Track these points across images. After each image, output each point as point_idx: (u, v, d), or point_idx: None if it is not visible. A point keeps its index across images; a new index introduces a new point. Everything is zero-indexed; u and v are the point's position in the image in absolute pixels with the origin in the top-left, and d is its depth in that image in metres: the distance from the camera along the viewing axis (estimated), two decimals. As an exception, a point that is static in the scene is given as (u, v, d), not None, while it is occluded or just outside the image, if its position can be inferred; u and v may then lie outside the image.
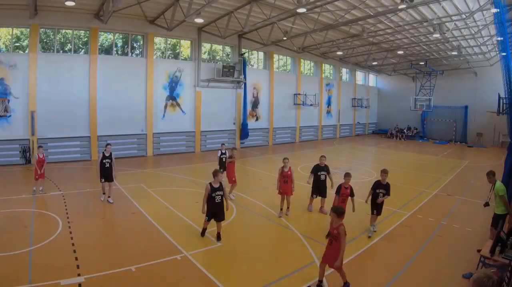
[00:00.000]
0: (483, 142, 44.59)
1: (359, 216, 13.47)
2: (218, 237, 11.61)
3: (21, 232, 12.00)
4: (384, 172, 12.41)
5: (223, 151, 19.68)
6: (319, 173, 14.86)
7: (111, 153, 15.82)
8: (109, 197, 15.94)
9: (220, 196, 11.28)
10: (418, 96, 47.59)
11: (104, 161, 15.64)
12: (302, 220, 14.15)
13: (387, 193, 12.42)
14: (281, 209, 14.77)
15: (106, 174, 15.67)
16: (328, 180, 14.98)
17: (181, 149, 31.90)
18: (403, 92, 52.58)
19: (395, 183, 20.03)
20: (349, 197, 12.63)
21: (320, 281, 8.93)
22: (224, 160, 19.51)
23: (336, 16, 26.24)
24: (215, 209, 11.30)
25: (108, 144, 16.13)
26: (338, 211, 8.68)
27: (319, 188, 14.98)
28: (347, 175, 12.69)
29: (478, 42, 33.06)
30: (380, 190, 12.41)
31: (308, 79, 44.11)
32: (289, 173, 14.49)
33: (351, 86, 52.43)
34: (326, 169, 14.93)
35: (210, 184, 11.23)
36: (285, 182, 14.46)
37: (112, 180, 15.93)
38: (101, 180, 15.72)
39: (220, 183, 11.33)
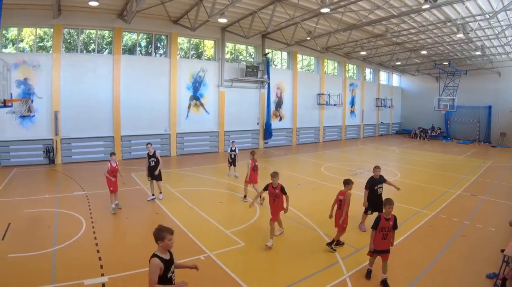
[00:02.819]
0: (507, 142, 43.87)
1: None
2: None
3: (44, 232, 12.02)
4: None
5: (233, 148, 21.03)
6: (376, 187, 12.89)
7: (154, 152, 16.29)
8: (160, 192, 16.60)
9: (172, 273, 6.18)
10: (441, 96, 47.36)
11: (149, 160, 16.18)
12: (325, 220, 13.87)
13: None
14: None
15: (151, 172, 16.16)
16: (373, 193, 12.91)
17: (205, 149, 31.81)
18: (426, 92, 52.22)
19: (418, 183, 20.38)
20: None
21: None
22: (233, 156, 21.01)
23: (359, 16, 26.22)
24: None
25: (147, 143, 16.67)
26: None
27: (376, 203, 12.59)
28: (389, 203, 9.14)
29: (502, 42, 32.45)
30: None
31: (331, 79, 43.77)
32: (276, 191, 11.71)
33: (374, 86, 51.90)
34: (382, 179, 13.07)
35: (159, 257, 5.92)
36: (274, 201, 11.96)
37: (158, 179, 16.30)
38: (147, 178, 16.38)
39: (170, 253, 6.18)
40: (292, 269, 9.81)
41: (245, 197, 16.84)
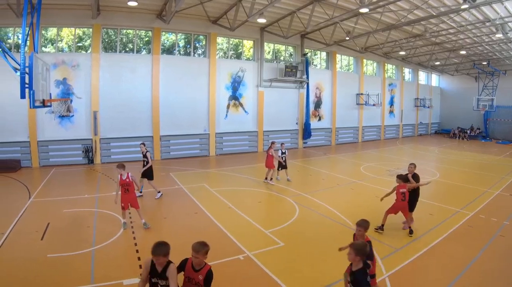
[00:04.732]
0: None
1: (422, 216, 13.49)
2: None
3: (83, 231, 12.01)
4: None
5: (283, 151, 20.26)
6: None
7: (145, 152, 16.47)
8: (158, 191, 16.60)
9: None
10: (480, 96, 46.80)
11: (143, 159, 16.58)
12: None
13: None
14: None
15: (144, 171, 16.43)
16: (415, 193, 12.69)
17: (244, 149, 31.69)
18: (465, 92, 51.42)
19: (457, 183, 20.97)
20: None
21: None
22: (284, 159, 20.23)
23: (398, 16, 25.93)
24: None
25: (141, 143, 17.29)
26: None
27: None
28: (358, 224, 8.49)
29: (541, 43, 31.55)
30: None
31: (370, 79, 43.14)
32: (199, 277, 9.99)
33: (413, 86, 51.00)
34: (415, 178, 12.72)
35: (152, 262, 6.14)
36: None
37: (149, 178, 16.52)
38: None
39: (165, 268, 5.99)
40: (331, 269, 9.61)
41: (266, 178, 19.76)
